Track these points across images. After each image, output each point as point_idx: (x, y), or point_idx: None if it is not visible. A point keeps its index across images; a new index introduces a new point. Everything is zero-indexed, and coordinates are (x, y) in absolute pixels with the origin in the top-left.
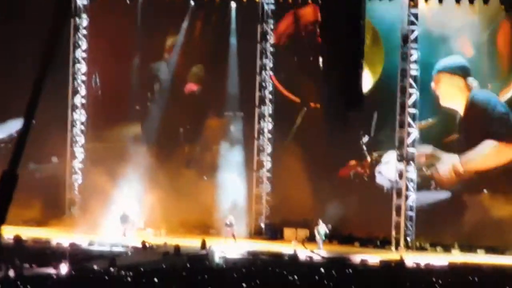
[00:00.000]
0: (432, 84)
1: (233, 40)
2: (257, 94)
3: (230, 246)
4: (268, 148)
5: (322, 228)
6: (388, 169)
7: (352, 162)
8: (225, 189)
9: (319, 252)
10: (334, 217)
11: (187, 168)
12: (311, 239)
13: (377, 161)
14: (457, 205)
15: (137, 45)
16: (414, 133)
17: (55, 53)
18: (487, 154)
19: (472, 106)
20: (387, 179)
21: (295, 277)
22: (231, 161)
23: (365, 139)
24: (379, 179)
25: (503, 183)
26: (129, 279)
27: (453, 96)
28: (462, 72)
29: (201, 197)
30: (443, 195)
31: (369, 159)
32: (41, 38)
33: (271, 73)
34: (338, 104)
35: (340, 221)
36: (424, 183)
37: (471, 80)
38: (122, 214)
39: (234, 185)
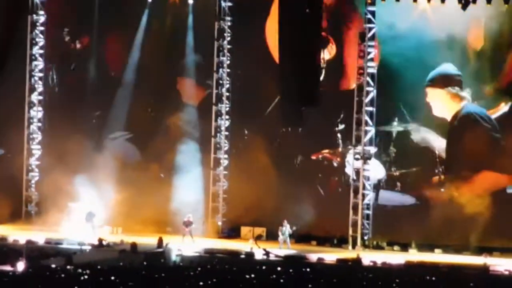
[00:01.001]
0: (427, 91)
1: (190, 37)
2: (214, 91)
3: (187, 244)
4: (225, 146)
5: (286, 229)
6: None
7: (324, 151)
8: (182, 187)
9: (275, 250)
10: (292, 216)
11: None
12: (270, 237)
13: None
14: (418, 206)
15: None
16: (371, 131)
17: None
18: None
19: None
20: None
21: (252, 275)
22: (188, 159)
23: (341, 127)
24: (348, 169)
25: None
26: (86, 276)
27: (444, 106)
28: (455, 82)
29: (158, 195)
30: (407, 198)
31: (341, 148)
32: None
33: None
34: (295, 100)
35: (298, 220)
36: (390, 183)
37: (464, 92)
38: (88, 212)
39: (191, 183)
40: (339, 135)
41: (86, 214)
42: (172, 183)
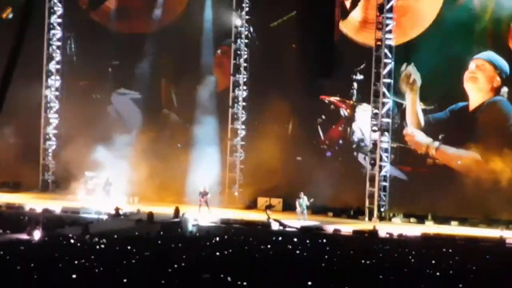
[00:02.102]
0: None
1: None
2: (232, 62)
3: (203, 215)
4: (243, 117)
5: (304, 201)
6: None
7: (335, 97)
8: (199, 157)
9: (290, 222)
10: (309, 187)
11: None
12: (287, 208)
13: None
14: (432, 178)
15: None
16: (389, 103)
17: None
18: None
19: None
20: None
21: (268, 246)
22: (206, 130)
23: (359, 77)
24: (356, 125)
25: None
26: (102, 246)
27: (479, 86)
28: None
29: (175, 165)
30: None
31: (353, 101)
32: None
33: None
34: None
35: (315, 191)
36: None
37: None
38: (105, 181)
39: (208, 153)
40: (355, 84)
41: (103, 183)
42: (189, 153)
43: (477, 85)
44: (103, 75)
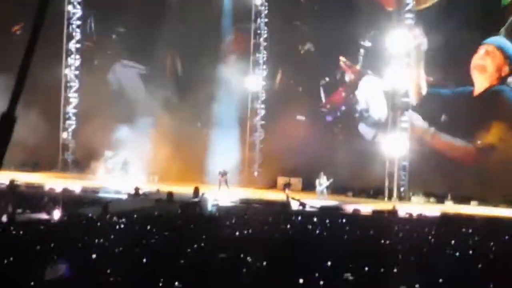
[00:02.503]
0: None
1: None
2: (252, 41)
3: (223, 194)
4: (262, 96)
5: (323, 181)
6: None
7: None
8: (219, 136)
9: (314, 201)
10: (329, 166)
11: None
12: (307, 188)
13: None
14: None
15: None
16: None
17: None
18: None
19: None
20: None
21: (288, 226)
22: (225, 110)
23: (367, 44)
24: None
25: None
26: (122, 225)
27: (485, 75)
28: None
29: (195, 144)
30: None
31: (359, 66)
32: None
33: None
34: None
35: (335, 171)
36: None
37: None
38: (124, 160)
39: (228, 133)
40: (361, 51)
41: (122, 163)
42: (209, 133)
43: (484, 73)
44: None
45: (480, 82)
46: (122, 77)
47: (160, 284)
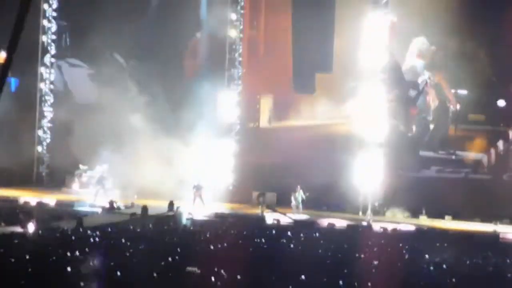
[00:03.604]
0: None
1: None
2: (227, 56)
3: (197, 208)
4: (237, 111)
5: (299, 194)
6: None
7: None
8: (193, 151)
9: (289, 216)
10: (304, 181)
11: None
12: (281, 203)
13: None
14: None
15: None
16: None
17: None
18: None
19: None
20: None
21: (262, 240)
22: (201, 125)
23: None
24: None
25: None
26: (96, 239)
27: None
28: None
29: (170, 159)
30: None
31: None
32: None
33: None
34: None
35: (309, 185)
36: None
37: None
38: (99, 175)
39: (204, 148)
40: None
41: (97, 177)
42: (184, 147)
43: None
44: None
45: None
46: (69, 77)
47: None
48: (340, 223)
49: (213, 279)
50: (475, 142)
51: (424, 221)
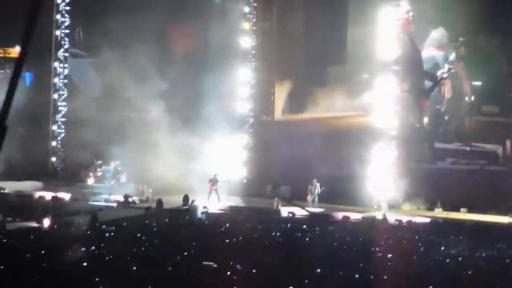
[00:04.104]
0: None
1: None
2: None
3: (212, 202)
4: (251, 104)
5: (316, 188)
6: None
7: None
8: (209, 145)
9: (307, 209)
10: (318, 175)
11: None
12: (296, 196)
13: None
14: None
15: None
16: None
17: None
18: None
19: None
20: None
21: (277, 233)
22: (216, 118)
23: None
24: None
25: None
26: (111, 233)
27: None
28: None
29: (185, 153)
30: None
31: None
32: None
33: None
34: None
35: (323, 178)
36: None
37: None
38: (115, 169)
39: (218, 141)
40: None
41: (112, 171)
42: (199, 141)
43: None
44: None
45: None
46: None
47: None
48: (355, 216)
49: (228, 273)
50: (490, 134)
51: (440, 213)
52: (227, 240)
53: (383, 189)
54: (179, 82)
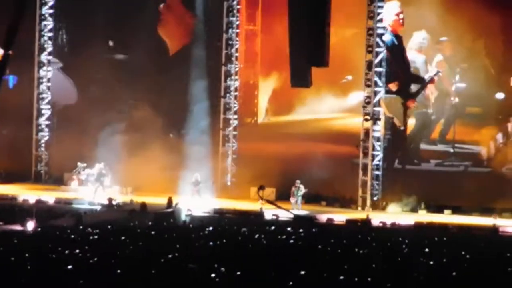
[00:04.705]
0: None
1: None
2: (224, 52)
3: (196, 204)
4: (235, 107)
5: (300, 189)
6: None
7: None
8: (191, 147)
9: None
10: (303, 176)
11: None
12: (280, 198)
13: None
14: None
15: None
16: (381, 92)
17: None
18: None
19: None
20: None
21: (261, 235)
22: (198, 120)
23: None
24: None
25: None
26: (96, 236)
27: None
28: None
29: (168, 155)
30: None
31: None
32: None
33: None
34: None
35: (307, 180)
36: None
37: None
38: (98, 172)
39: (200, 143)
40: None
41: (96, 174)
42: (181, 143)
43: None
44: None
45: None
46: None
47: None
48: (339, 218)
49: (212, 275)
50: (474, 135)
51: (423, 215)
52: (211, 243)
53: (368, 190)
54: (165, 83)
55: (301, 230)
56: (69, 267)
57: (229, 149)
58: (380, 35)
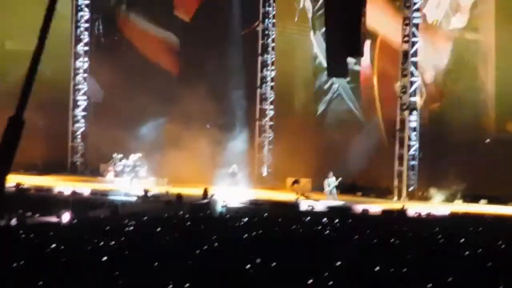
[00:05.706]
0: None
1: None
2: (260, 42)
3: (232, 195)
4: (271, 97)
5: (332, 181)
6: None
7: None
8: (227, 137)
9: (327, 202)
10: (338, 167)
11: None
12: (316, 188)
13: None
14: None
15: None
16: (417, 82)
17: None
18: None
19: None
20: None
21: (297, 226)
22: (234, 110)
23: None
24: None
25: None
26: (131, 227)
27: None
28: None
29: (204, 146)
30: None
31: None
32: None
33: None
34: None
35: (343, 171)
36: None
37: None
38: (134, 163)
39: (237, 134)
40: None
41: (132, 165)
42: (218, 133)
43: None
44: None
45: None
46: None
47: (170, 286)
48: (375, 208)
49: (248, 266)
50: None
51: (459, 205)
52: (246, 234)
53: (404, 180)
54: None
55: (336, 221)
56: (104, 258)
57: (265, 140)
58: (416, 25)
